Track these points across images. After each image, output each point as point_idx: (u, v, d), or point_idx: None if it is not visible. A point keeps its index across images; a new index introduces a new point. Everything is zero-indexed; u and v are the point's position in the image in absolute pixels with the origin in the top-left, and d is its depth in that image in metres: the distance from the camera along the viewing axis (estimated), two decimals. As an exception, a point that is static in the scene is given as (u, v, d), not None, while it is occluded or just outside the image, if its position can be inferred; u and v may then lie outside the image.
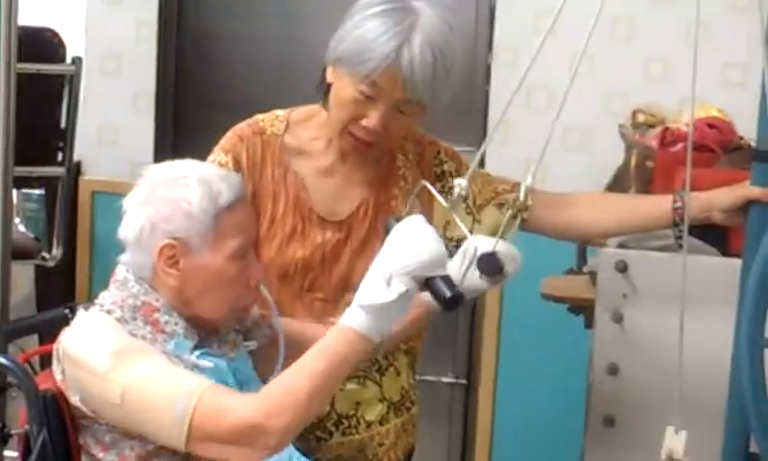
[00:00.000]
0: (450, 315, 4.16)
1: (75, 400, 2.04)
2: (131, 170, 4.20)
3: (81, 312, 2.10)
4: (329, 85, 2.35)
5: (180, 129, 4.34)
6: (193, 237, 2.07)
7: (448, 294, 1.96)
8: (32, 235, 3.98)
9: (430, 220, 2.42)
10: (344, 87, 2.30)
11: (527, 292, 3.23)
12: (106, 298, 2.12)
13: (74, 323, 2.08)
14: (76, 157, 4.15)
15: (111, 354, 1.98)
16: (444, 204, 2.13)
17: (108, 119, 4.31)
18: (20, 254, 3.68)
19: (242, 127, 2.45)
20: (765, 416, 1.47)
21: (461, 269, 2.18)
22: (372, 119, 2.30)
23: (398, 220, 2.03)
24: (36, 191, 4.10)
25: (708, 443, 2.24)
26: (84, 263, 4.29)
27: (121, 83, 4.29)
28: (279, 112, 2.48)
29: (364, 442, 2.51)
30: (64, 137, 3.77)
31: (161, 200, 2.08)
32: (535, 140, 3.93)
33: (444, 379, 4.28)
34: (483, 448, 4.17)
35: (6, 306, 3.11)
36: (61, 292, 4.08)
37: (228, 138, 2.44)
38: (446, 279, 1.97)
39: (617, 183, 3.26)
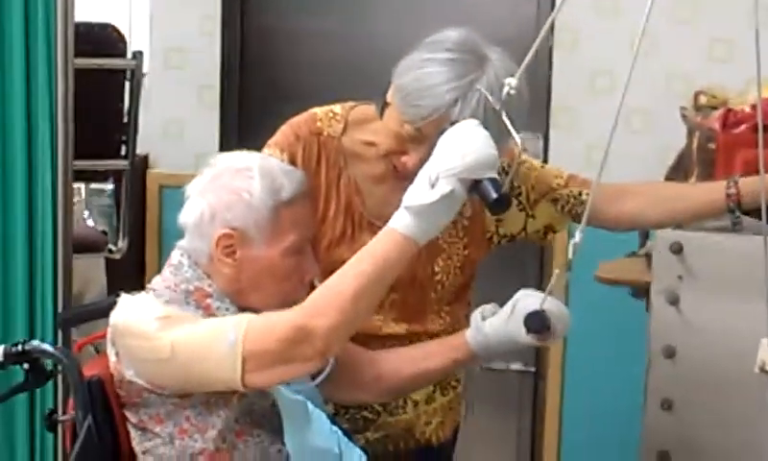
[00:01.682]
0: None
1: (130, 374, 2.06)
2: (196, 163, 4.22)
3: (124, 296, 2.13)
4: (387, 103, 2.29)
5: (245, 121, 4.36)
6: (251, 228, 2.09)
7: (494, 195, 1.95)
8: (99, 229, 4.04)
9: (483, 222, 2.44)
10: (393, 118, 2.25)
11: (592, 277, 3.21)
12: (159, 283, 2.15)
13: (119, 304, 2.12)
14: (143, 152, 4.21)
15: (159, 318, 2.02)
16: (496, 106, 2.07)
17: (173, 113, 4.34)
18: (87, 247, 3.75)
19: (299, 123, 2.42)
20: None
21: (507, 323, 2.20)
22: (411, 159, 2.24)
23: (453, 124, 2.03)
24: (109, 186, 4.16)
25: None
26: (153, 255, 4.33)
27: (186, 77, 4.32)
28: (337, 110, 2.43)
29: (411, 421, 2.50)
30: (127, 131, 3.81)
31: (223, 189, 2.10)
32: (599, 125, 3.95)
33: (513, 367, 4.27)
34: (552, 434, 4.16)
35: (68, 297, 3.16)
36: (132, 284, 4.11)
37: (285, 134, 2.41)
38: (494, 182, 1.96)
39: (680, 167, 3.23)
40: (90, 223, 4.11)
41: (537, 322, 2.15)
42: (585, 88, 4.00)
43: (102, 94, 3.72)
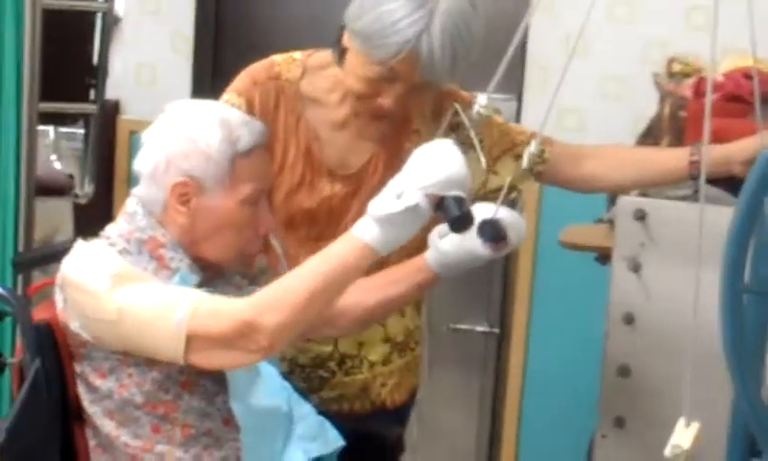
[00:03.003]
0: (485, 266, 4.18)
1: (75, 326, 2.04)
2: (168, 110, 4.21)
3: (79, 242, 2.10)
4: (345, 48, 2.28)
5: (219, 70, 4.32)
6: (207, 178, 2.07)
7: (456, 213, 1.93)
8: (67, 172, 4.00)
9: None
10: (360, 64, 2.24)
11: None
12: (113, 230, 2.13)
13: (73, 251, 2.09)
14: (115, 97, 4.17)
15: (110, 276, 1.99)
16: (467, 123, 2.10)
17: (146, 59, 4.29)
18: (52, 190, 3.72)
19: (257, 69, 2.42)
20: (743, 361, 1.44)
21: (463, 237, 2.16)
22: (388, 101, 2.25)
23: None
24: (82, 130, 4.12)
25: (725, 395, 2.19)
26: (122, 202, 4.23)
27: (160, 23, 4.26)
28: (297, 56, 2.43)
29: (367, 382, 2.50)
30: (96, 75, 3.77)
31: (180, 137, 2.08)
32: (573, 88, 3.92)
33: (479, 328, 4.26)
34: (514, 395, 4.16)
35: (29, 239, 3.13)
36: (99, 230, 4.10)
37: (243, 80, 2.41)
38: (459, 200, 1.94)
39: (650, 134, 3.21)
40: (58, 166, 4.06)
41: (490, 230, 2.13)
42: (559, 51, 3.97)
43: (72, 36, 3.69)
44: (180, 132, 2.09)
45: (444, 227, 2.21)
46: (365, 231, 1.93)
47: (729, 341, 1.45)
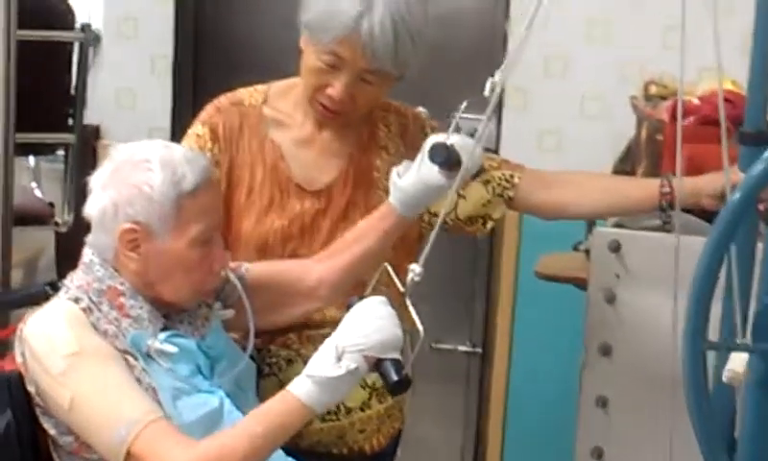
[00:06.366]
0: (467, 286, 4.19)
1: (31, 389, 2.05)
2: (149, 134, 4.20)
3: (50, 302, 2.11)
4: (302, 51, 2.35)
5: (199, 92, 4.29)
6: (154, 222, 2.05)
7: (395, 378, 1.95)
8: (47, 201, 3.98)
9: None
10: (309, 55, 2.31)
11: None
12: (73, 281, 2.11)
13: (41, 310, 2.08)
14: (95, 122, 4.16)
15: (67, 357, 1.98)
16: (401, 288, 2.01)
17: (125, 83, 4.30)
18: (32, 219, 3.70)
19: (220, 99, 2.47)
20: (706, 415, 1.44)
21: (419, 170, 2.17)
22: (335, 89, 2.30)
23: (361, 298, 2.02)
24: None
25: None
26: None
27: (139, 46, 4.28)
28: (259, 87, 2.48)
29: (344, 428, 2.47)
30: (75, 104, 3.76)
31: (124, 183, 2.05)
32: (551, 109, 3.93)
33: (461, 348, 4.27)
34: (497, 414, 4.16)
35: (6, 272, 3.12)
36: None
37: (206, 110, 2.46)
38: (396, 363, 1.96)
39: (628, 157, 3.22)
40: (38, 194, 4.05)
41: (441, 152, 2.12)
42: (538, 73, 3.98)
43: (49, 66, 3.67)
44: (123, 177, 2.06)
45: (401, 167, 2.24)
46: (302, 391, 1.94)
47: (691, 399, 1.44)
